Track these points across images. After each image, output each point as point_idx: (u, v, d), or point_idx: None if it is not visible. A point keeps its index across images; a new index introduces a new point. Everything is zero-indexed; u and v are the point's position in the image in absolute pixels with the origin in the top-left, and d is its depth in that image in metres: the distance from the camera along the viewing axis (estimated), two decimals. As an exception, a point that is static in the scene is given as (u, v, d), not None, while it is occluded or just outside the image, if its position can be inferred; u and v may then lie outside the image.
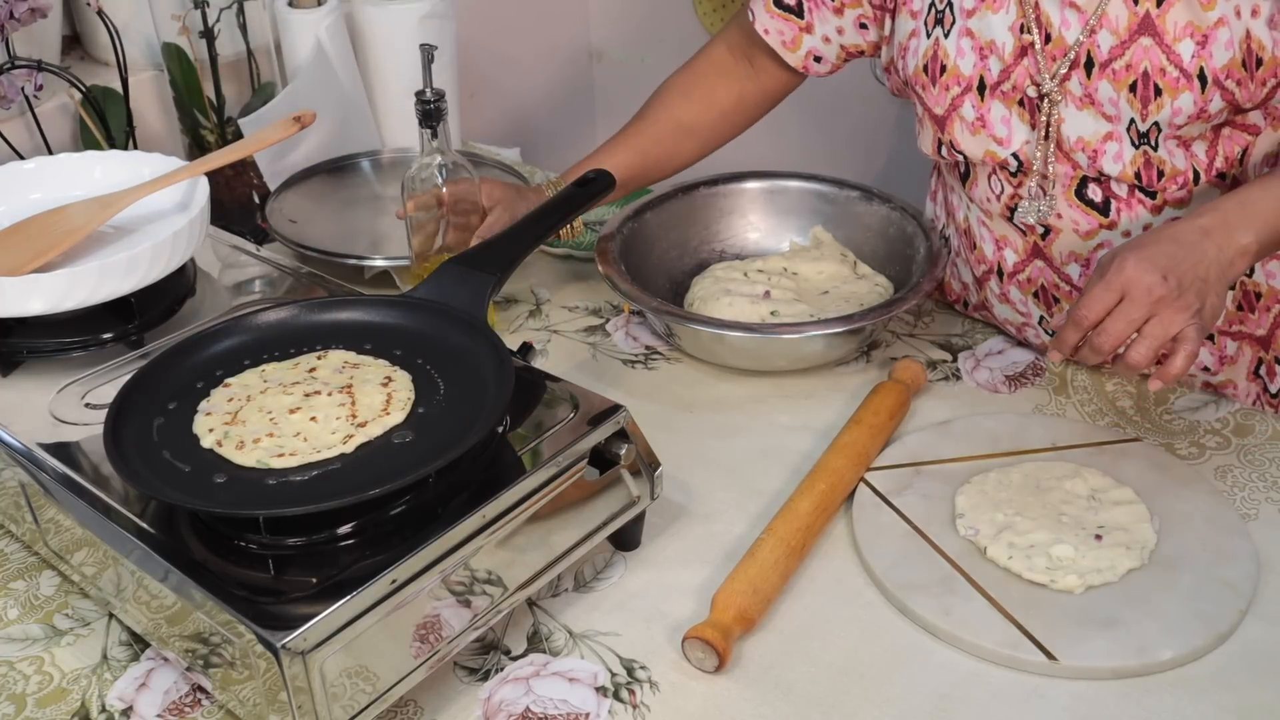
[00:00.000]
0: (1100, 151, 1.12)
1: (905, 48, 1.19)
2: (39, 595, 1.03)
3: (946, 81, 1.16)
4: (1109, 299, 0.98)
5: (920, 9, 1.18)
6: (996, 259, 1.25)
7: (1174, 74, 1.06)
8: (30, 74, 1.39)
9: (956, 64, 1.15)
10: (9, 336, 1.10)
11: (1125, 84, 1.08)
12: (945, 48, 1.16)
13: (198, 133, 1.55)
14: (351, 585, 0.83)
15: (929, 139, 1.22)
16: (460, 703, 0.93)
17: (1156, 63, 1.07)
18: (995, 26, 1.13)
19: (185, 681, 0.95)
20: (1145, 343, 0.97)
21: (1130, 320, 0.97)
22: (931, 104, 1.18)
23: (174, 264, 1.12)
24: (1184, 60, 1.06)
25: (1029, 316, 1.25)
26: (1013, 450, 1.13)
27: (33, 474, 0.97)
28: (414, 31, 1.57)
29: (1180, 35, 1.06)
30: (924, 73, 1.17)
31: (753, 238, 1.42)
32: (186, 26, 1.48)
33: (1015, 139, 1.15)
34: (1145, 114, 1.09)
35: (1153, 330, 0.97)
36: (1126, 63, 1.08)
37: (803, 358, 1.26)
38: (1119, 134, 1.11)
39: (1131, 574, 0.99)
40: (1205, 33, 1.05)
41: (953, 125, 1.17)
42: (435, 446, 0.90)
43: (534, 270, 1.44)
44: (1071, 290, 1.20)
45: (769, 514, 1.07)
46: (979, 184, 1.22)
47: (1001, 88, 1.14)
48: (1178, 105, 1.07)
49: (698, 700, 0.93)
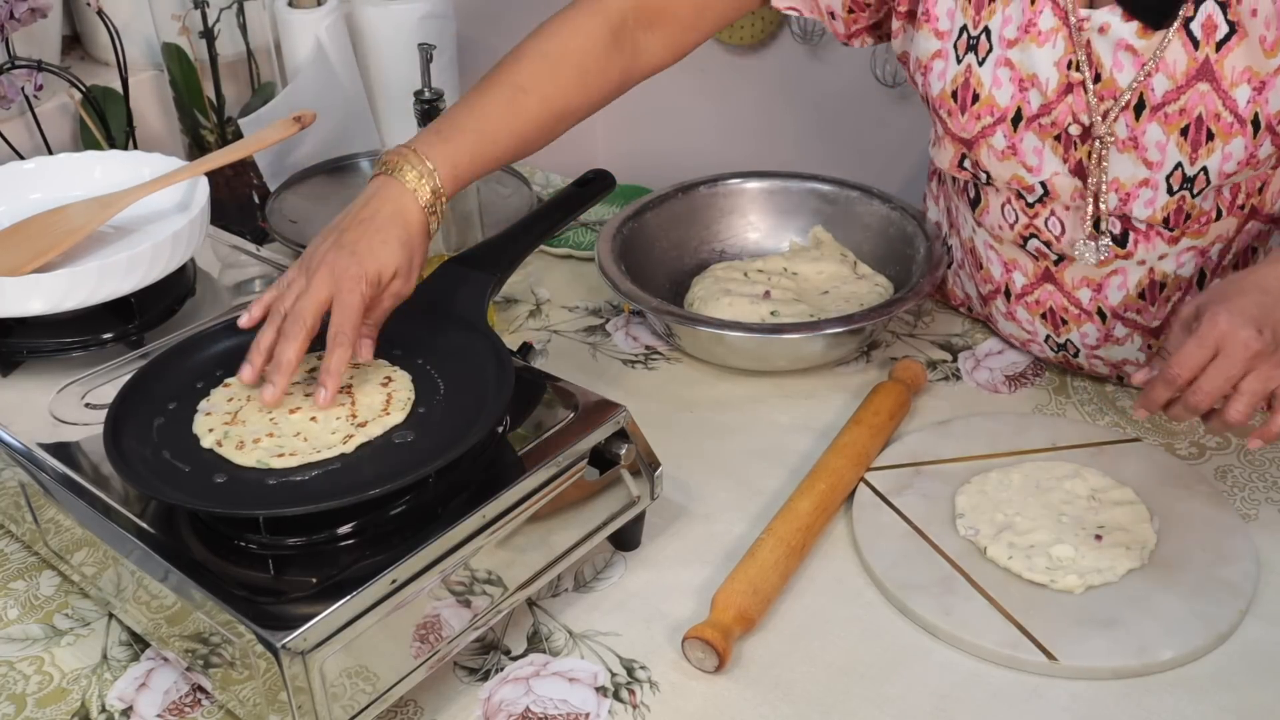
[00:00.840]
0: (1133, 195, 1.09)
1: (927, 67, 1.15)
2: (39, 595, 1.03)
3: (979, 111, 1.12)
4: (1202, 355, 0.92)
5: (948, 30, 1.13)
6: (1004, 280, 1.22)
7: (1228, 119, 1.04)
8: (30, 74, 1.39)
9: (992, 94, 1.11)
10: (9, 336, 1.10)
11: (1177, 128, 1.05)
12: (979, 76, 1.11)
13: (198, 133, 1.55)
14: (351, 585, 0.83)
15: (948, 156, 1.18)
16: (460, 703, 0.93)
17: (1211, 108, 1.04)
18: (1039, 60, 1.08)
19: (185, 681, 0.95)
20: (1244, 399, 0.93)
21: (1228, 378, 0.93)
22: (957, 130, 1.14)
23: (174, 264, 1.12)
24: (1239, 105, 1.03)
25: (1035, 335, 1.23)
26: (1013, 450, 1.13)
27: (33, 474, 0.97)
28: (414, 31, 1.57)
29: (1238, 80, 1.03)
30: (952, 99, 1.13)
31: (753, 238, 1.42)
32: (186, 26, 1.48)
33: (1045, 169, 1.11)
34: (1194, 158, 1.06)
35: (1251, 386, 0.93)
36: (1180, 107, 1.04)
37: (803, 358, 1.26)
38: (1156, 181, 1.08)
39: (1131, 574, 0.99)
40: (1263, 79, 1.02)
41: (980, 149, 1.14)
42: (435, 446, 0.90)
43: (534, 270, 1.44)
44: (1081, 313, 1.18)
45: (769, 514, 1.07)
46: (990, 211, 1.19)
47: (1040, 120, 1.10)
48: (1229, 150, 1.05)
49: (698, 700, 0.93)
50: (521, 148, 1.09)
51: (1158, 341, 1.18)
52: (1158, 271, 1.14)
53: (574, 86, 1.12)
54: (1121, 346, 1.19)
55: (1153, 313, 1.16)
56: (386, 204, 1.00)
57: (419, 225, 1.00)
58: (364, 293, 0.95)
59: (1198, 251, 1.13)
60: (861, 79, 1.97)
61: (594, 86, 1.14)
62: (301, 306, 0.94)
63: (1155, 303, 1.16)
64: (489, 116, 1.07)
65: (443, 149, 1.03)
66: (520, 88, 1.09)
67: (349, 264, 0.95)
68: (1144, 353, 1.19)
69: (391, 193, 1.00)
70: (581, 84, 1.13)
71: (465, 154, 1.04)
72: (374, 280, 0.96)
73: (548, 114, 1.10)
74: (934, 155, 1.21)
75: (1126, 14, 1.04)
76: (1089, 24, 1.06)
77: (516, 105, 1.08)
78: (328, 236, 0.99)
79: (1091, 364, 1.22)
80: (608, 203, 1.38)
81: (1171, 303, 1.16)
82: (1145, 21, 1.04)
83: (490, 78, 1.10)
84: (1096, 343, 1.20)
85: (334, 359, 0.93)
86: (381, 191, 1.01)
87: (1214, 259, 1.14)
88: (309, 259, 0.97)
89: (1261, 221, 1.13)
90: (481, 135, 1.06)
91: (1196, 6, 1.02)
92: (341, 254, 0.96)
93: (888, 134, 2.00)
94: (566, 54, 1.12)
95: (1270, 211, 1.13)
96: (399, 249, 0.98)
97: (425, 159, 1.01)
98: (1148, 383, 0.96)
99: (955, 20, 1.12)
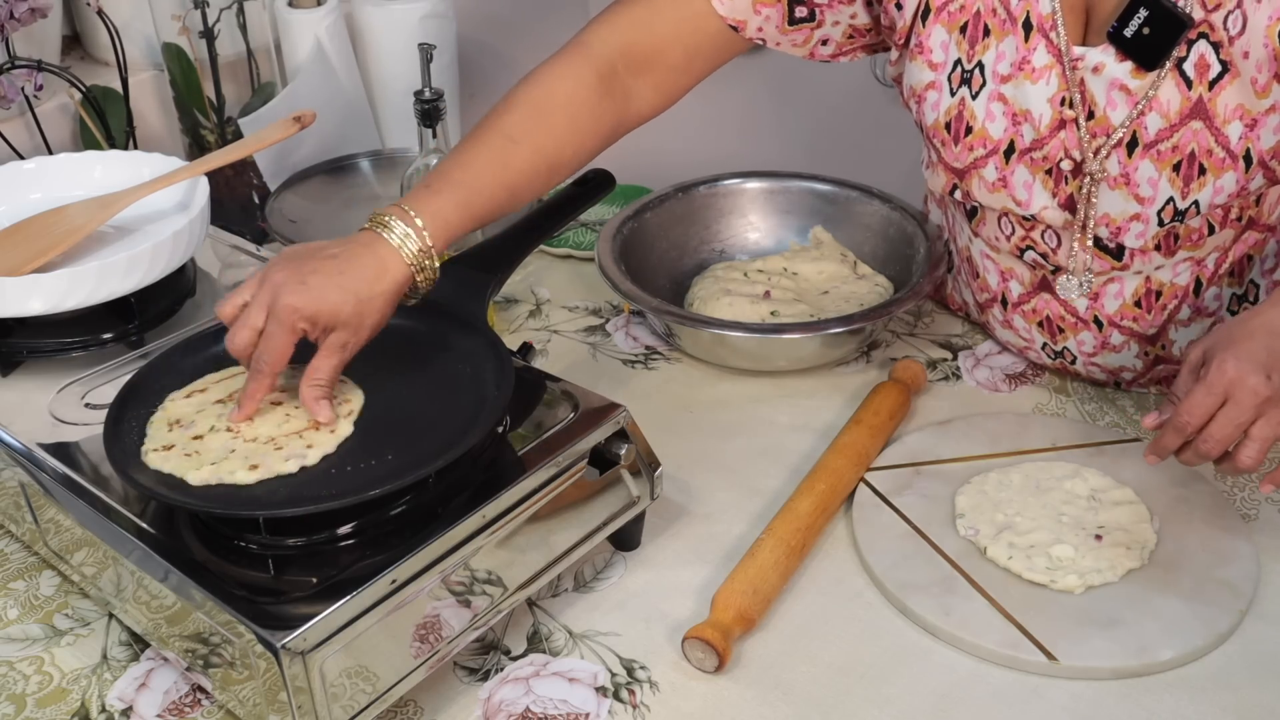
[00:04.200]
0: (1124, 229, 1.10)
1: (921, 97, 1.14)
2: (39, 595, 1.03)
3: (971, 142, 1.12)
4: (1211, 403, 0.92)
5: (941, 63, 1.12)
6: (1001, 289, 1.23)
7: (1220, 154, 1.04)
8: (30, 74, 1.39)
9: (985, 127, 1.11)
10: (9, 336, 1.10)
11: (1169, 164, 1.05)
12: (972, 109, 1.11)
13: (198, 133, 1.55)
14: (351, 585, 0.83)
15: (940, 182, 1.18)
16: (460, 703, 0.93)
17: (1204, 144, 1.04)
18: (1032, 96, 1.08)
19: (185, 681, 0.95)
20: (1255, 445, 0.93)
21: (1238, 424, 0.92)
22: (950, 159, 1.14)
23: (174, 264, 1.12)
24: (1231, 142, 1.03)
25: (1031, 342, 1.23)
26: (1013, 450, 1.13)
27: (33, 474, 0.97)
28: (414, 31, 1.57)
29: (1230, 117, 1.03)
30: (945, 130, 1.13)
31: (753, 238, 1.42)
32: (186, 26, 1.48)
33: (1035, 203, 1.11)
34: (1186, 192, 1.06)
35: (1261, 432, 0.93)
36: (1173, 144, 1.05)
37: (803, 358, 1.26)
38: (1147, 216, 1.08)
39: (1131, 574, 0.99)
40: (1255, 117, 1.03)
41: (971, 180, 1.14)
42: (435, 446, 0.90)
43: (534, 270, 1.44)
44: (1078, 322, 1.18)
45: (769, 514, 1.07)
46: (987, 223, 1.19)
47: (1032, 154, 1.10)
48: (1220, 184, 1.05)
49: (698, 700, 0.93)
50: (510, 201, 1.05)
51: (1154, 348, 1.18)
52: (1154, 280, 1.14)
53: (566, 135, 1.09)
54: (1118, 354, 1.19)
55: (1149, 320, 1.16)
56: (363, 253, 0.95)
57: (396, 281, 0.95)
58: (296, 328, 0.91)
59: (1194, 262, 1.13)
60: (861, 79, 1.97)
61: (586, 134, 1.11)
62: (265, 355, 0.92)
63: (1151, 311, 1.16)
64: (478, 169, 1.04)
65: (431, 204, 0.99)
66: (511, 138, 1.06)
67: (293, 296, 0.91)
68: (1141, 359, 1.19)
69: (374, 245, 0.96)
70: (573, 132, 1.10)
71: (453, 208, 1.00)
72: (310, 318, 0.91)
73: (540, 164, 1.07)
74: (928, 179, 1.21)
75: (1120, 54, 1.05)
76: (1083, 63, 1.06)
77: (507, 156, 1.05)
78: (294, 257, 0.95)
79: (1089, 371, 1.22)
80: (608, 203, 1.38)
81: (1168, 311, 1.16)
82: (1138, 62, 1.04)
83: (481, 127, 1.07)
84: (1093, 350, 1.20)
85: (250, 386, 0.92)
86: (361, 239, 0.96)
87: (1210, 268, 1.14)
88: (267, 273, 0.93)
89: (1259, 231, 1.13)
90: (470, 189, 1.02)
91: (1189, 47, 1.02)
92: (289, 282, 0.92)
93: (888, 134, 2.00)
94: (556, 103, 1.09)
95: (1268, 222, 1.13)
96: (348, 298, 0.92)
97: (415, 215, 0.97)
98: (1158, 429, 0.96)
99: (949, 53, 1.12)
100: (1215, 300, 1.16)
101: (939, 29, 1.12)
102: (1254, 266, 1.16)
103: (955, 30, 1.11)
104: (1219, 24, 1.01)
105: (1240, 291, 1.17)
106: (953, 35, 1.11)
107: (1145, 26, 1.02)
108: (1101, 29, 1.06)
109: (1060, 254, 1.14)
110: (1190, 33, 1.02)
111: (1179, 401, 0.94)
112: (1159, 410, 0.96)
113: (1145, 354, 1.19)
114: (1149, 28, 1.02)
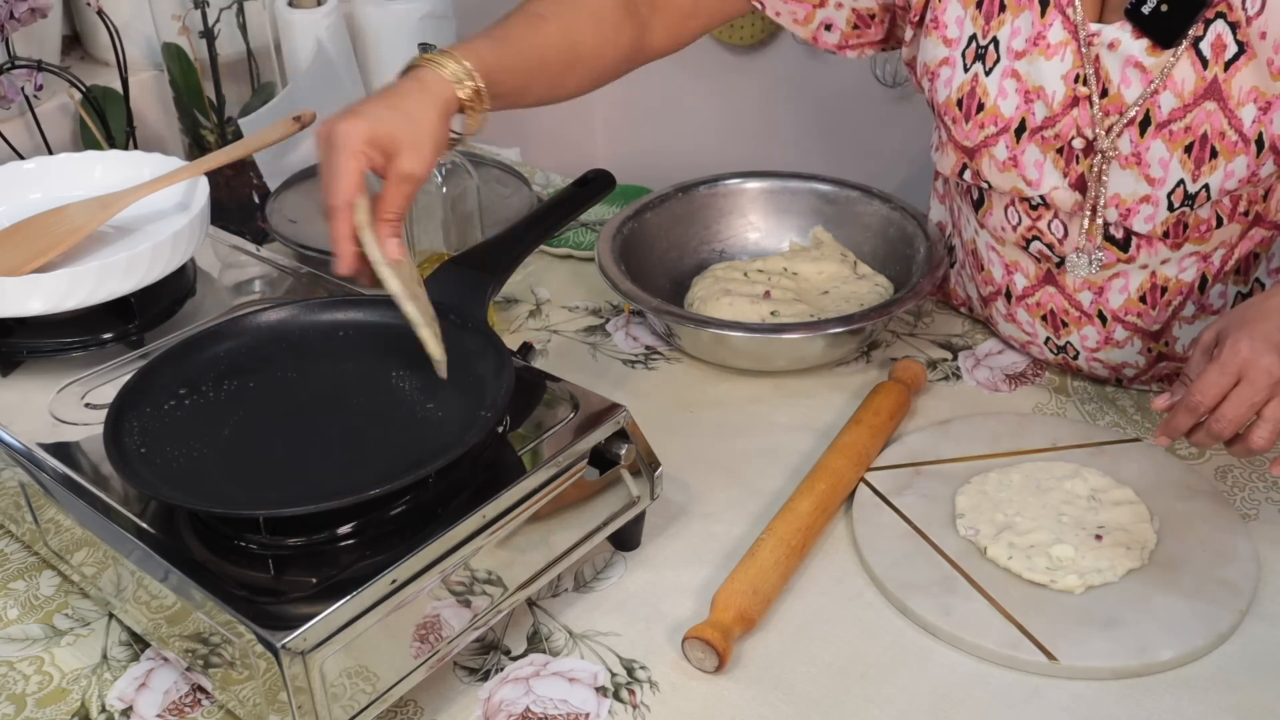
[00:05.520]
0: (1133, 211, 1.09)
1: (934, 74, 1.15)
2: (39, 595, 1.03)
3: (982, 120, 1.12)
4: (1224, 383, 0.92)
5: (956, 38, 1.13)
6: (1005, 282, 1.23)
7: (1233, 137, 1.04)
8: (30, 74, 1.39)
9: (997, 104, 1.11)
10: (9, 336, 1.10)
11: (1181, 145, 1.05)
12: (985, 85, 1.11)
13: (198, 133, 1.55)
14: (351, 585, 0.83)
15: (950, 163, 1.18)
16: (460, 703, 0.93)
17: (1217, 126, 1.04)
18: (1046, 73, 1.08)
19: (185, 681, 0.95)
20: (1268, 426, 0.93)
21: (1251, 405, 0.93)
22: (961, 138, 1.14)
23: (174, 264, 1.12)
24: (1244, 125, 1.04)
25: (1034, 337, 1.23)
26: (1013, 450, 1.13)
27: (33, 474, 0.97)
28: (414, 31, 1.57)
29: (1244, 100, 1.03)
30: (957, 107, 1.13)
31: (753, 238, 1.42)
32: (186, 26, 1.48)
33: (1045, 183, 1.11)
34: (1197, 175, 1.06)
35: (1274, 413, 0.93)
36: (1186, 125, 1.05)
37: (803, 358, 1.26)
38: (1157, 198, 1.08)
39: (1131, 574, 0.99)
40: (1270, 100, 1.03)
41: (981, 159, 1.14)
42: (435, 446, 0.90)
43: (534, 270, 1.44)
44: (1081, 316, 1.18)
45: (769, 514, 1.07)
46: (994, 213, 1.19)
47: (1043, 133, 1.10)
48: (1231, 168, 1.05)
49: (698, 700, 0.93)
50: (540, 69, 1.09)
51: (1157, 345, 1.18)
52: (1159, 276, 1.14)
53: (589, 27, 1.13)
54: (1121, 350, 1.19)
55: (1153, 316, 1.16)
56: (405, 82, 0.99)
57: (443, 98, 0.98)
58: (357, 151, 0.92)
59: (1200, 257, 1.13)
60: (862, 79, 1.97)
61: (607, 38, 1.15)
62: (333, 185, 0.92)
63: (1156, 306, 1.16)
64: (508, 25, 1.08)
65: (465, 45, 1.02)
66: (540, 15, 1.10)
67: (347, 122, 0.92)
68: (1144, 356, 1.19)
69: (415, 73, 0.99)
70: (596, 27, 1.13)
71: (488, 47, 1.03)
72: (369, 139, 0.92)
73: (564, 43, 1.11)
74: (936, 161, 1.21)
75: (1137, 31, 1.05)
76: (1099, 39, 1.06)
77: (535, 26, 1.10)
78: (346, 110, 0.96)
79: (1091, 366, 1.22)
80: (608, 203, 1.38)
81: (1172, 307, 1.16)
82: (1155, 40, 1.04)
83: (511, 11, 1.11)
84: (1096, 345, 1.20)
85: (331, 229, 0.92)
86: (413, 73, 1.00)
87: (1216, 264, 1.14)
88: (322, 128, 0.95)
89: (1265, 228, 1.13)
90: (502, 40, 1.06)
91: (1206, 27, 1.02)
92: (341, 115, 0.94)
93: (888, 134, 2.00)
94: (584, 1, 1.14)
95: (1275, 219, 1.13)
96: (401, 118, 0.94)
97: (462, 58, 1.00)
98: (1170, 410, 0.96)
99: (964, 29, 1.12)
100: (1220, 298, 1.16)
101: (954, 4, 1.12)
102: (1260, 265, 1.16)
103: (971, 5, 1.11)
104: (1237, 4, 1.01)
105: (1245, 290, 1.17)
106: (968, 10, 1.12)
107: (1163, 4, 1.03)
108: (1118, 6, 1.06)
109: (1067, 244, 1.14)
110: (1208, 11, 1.02)
111: (1191, 382, 0.94)
112: (1170, 391, 0.96)
113: (1148, 350, 1.19)
114: (1167, 5, 1.02)
